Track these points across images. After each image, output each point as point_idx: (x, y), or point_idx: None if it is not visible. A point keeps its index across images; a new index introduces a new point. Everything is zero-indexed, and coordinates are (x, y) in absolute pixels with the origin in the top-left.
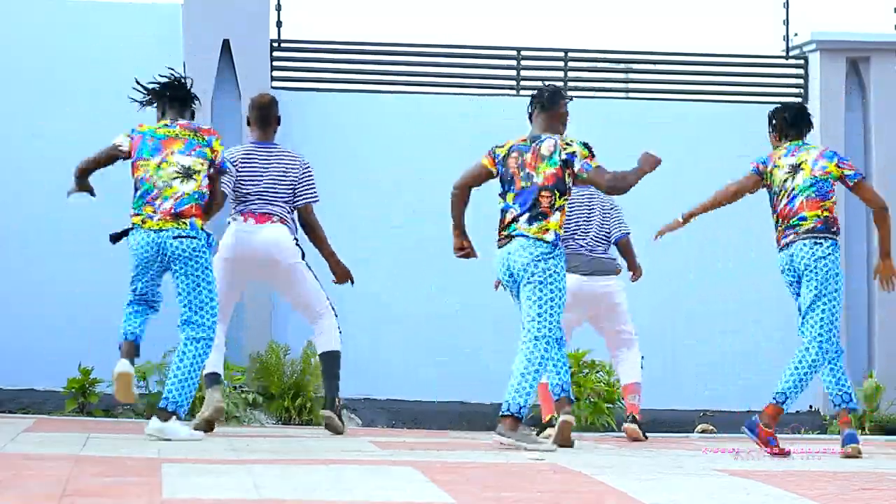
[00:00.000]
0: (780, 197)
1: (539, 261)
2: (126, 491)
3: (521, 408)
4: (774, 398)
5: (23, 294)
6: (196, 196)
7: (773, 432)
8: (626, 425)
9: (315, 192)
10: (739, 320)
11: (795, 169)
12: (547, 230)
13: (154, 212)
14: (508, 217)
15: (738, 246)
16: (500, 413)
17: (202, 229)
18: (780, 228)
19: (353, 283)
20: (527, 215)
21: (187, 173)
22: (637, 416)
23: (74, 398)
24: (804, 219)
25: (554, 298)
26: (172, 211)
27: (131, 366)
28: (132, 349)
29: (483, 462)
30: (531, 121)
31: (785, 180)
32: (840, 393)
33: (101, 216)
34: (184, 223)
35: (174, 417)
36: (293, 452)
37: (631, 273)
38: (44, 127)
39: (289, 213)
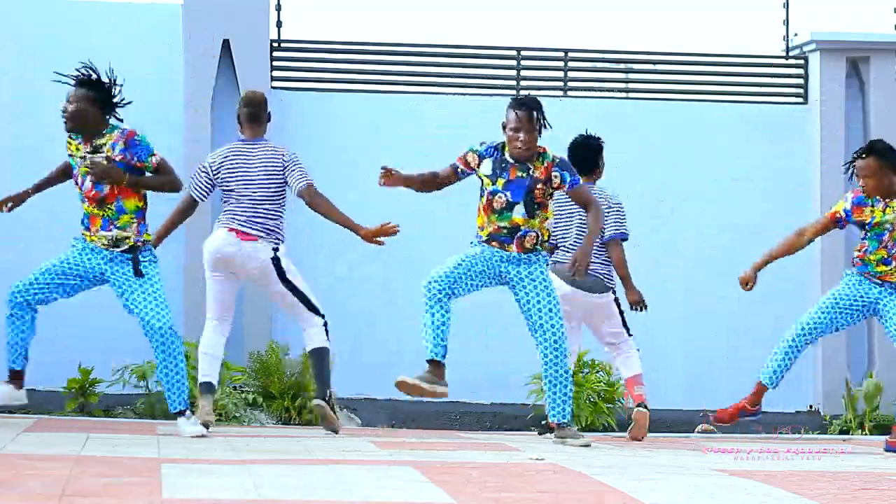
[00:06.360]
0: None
1: None
2: (126, 491)
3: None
4: None
5: None
6: None
7: None
8: (636, 411)
9: (305, 176)
10: (741, 320)
11: None
12: None
13: None
14: None
15: (741, 247)
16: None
17: None
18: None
19: (395, 233)
20: None
21: None
22: (646, 404)
23: (74, 398)
24: None
25: None
26: None
27: None
28: None
29: (483, 462)
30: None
31: None
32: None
33: None
34: None
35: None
36: (293, 452)
37: (627, 293)
38: (44, 126)
39: (275, 218)
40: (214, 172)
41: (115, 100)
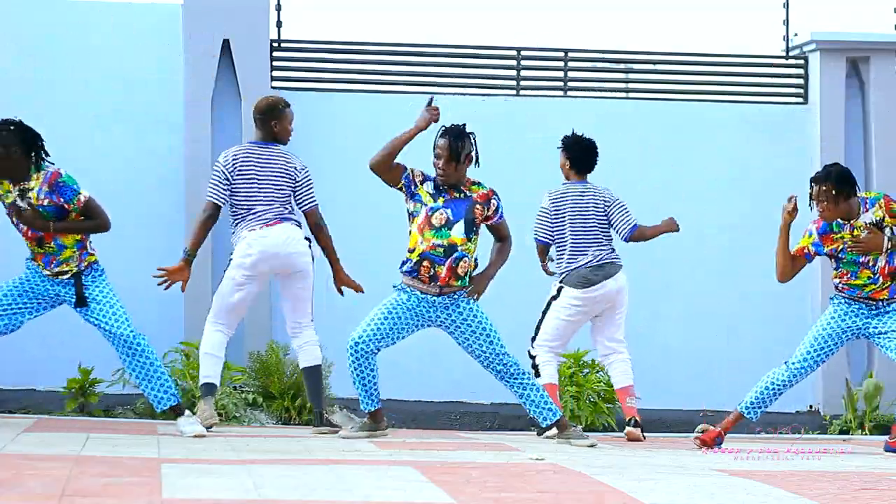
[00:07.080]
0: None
1: None
2: (126, 491)
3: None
4: None
5: None
6: None
7: None
8: (628, 429)
9: (314, 198)
10: (741, 320)
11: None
12: None
13: None
14: None
15: (741, 247)
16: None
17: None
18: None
19: (362, 291)
20: None
21: None
22: (638, 419)
23: (74, 398)
24: None
25: None
26: None
27: None
28: None
29: (483, 462)
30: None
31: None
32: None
33: None
34: None
35: None
36: (293, 452)
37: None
38: (44, 126)
39: (292, 212)
40: (230, 172)
41: (39, 144)
